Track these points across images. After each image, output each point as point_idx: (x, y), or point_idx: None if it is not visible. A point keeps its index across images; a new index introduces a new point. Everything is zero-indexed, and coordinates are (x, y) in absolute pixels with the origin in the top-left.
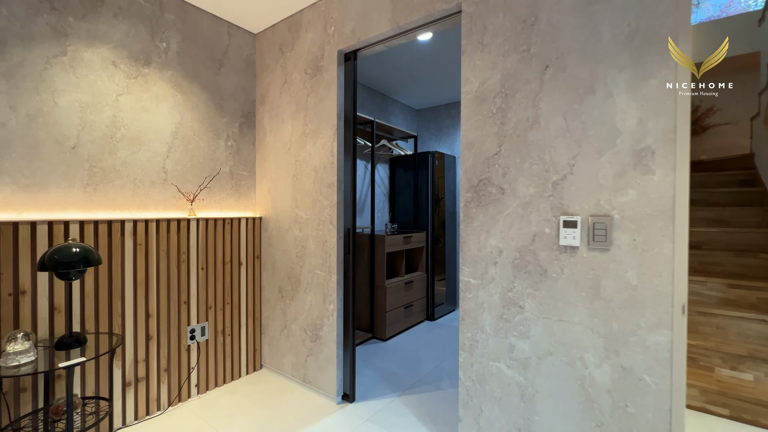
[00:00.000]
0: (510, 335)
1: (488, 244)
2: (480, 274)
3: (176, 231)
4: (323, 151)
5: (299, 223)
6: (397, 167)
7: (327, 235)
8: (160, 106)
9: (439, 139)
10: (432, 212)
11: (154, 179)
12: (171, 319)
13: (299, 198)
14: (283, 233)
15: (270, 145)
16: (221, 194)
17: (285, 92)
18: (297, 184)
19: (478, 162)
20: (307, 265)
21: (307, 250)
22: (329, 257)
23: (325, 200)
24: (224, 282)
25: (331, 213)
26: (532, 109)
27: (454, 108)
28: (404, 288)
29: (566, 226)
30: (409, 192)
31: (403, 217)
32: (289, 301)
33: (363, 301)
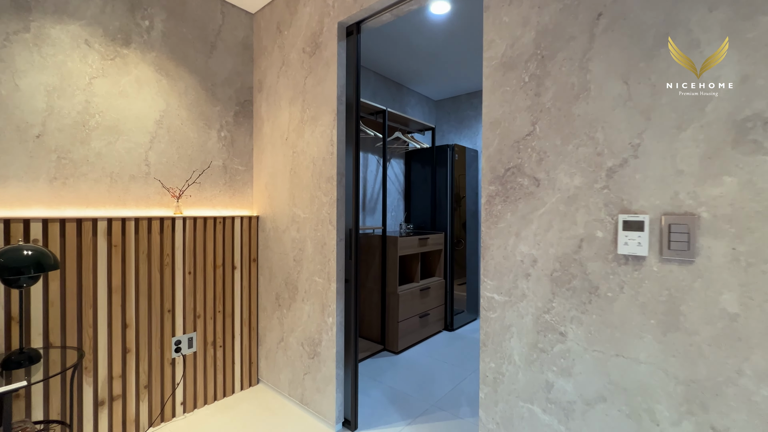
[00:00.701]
0: (547, 370)
1: (518, 251)
2: (507, 288)
3: (159, 231)
4: (322, 140)
5: (297, 223)
6: (413, 162)
7: (326, 237)
8: (142, 91)
9: (459, 131)
10: (452, 211)
11: (135, 173)
12: (153, 329)
13: (297, 194)
14: (280, 234)
15: (267, 135)
16: (213, 190)
17: (283, 75)
18: (295, 179)
19: (505, 146)
20: (304, 270)
21: (304, 253)
22: (328, 262)
23: (324, 197)
24: (215, 288)
25: (331, 211)
26: (579, 73)
27: (476, 97)
28: (419, 295)
29: (628, 229)
30: (426, 189)
31: (420, 217)
32: (286, 311)
33: (373, 309)
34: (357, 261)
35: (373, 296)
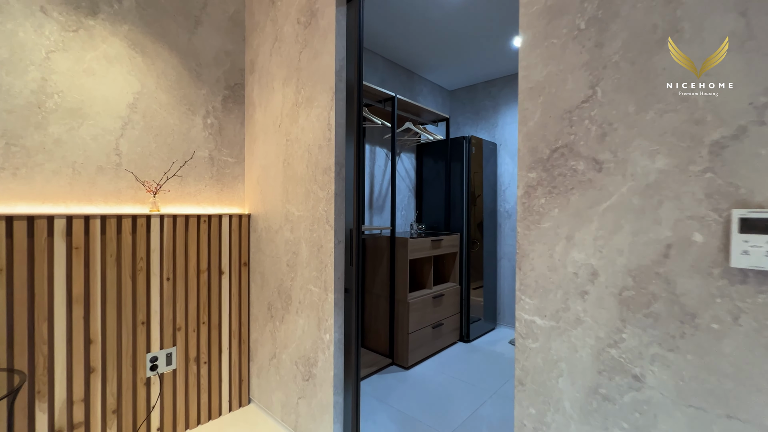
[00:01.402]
0: (614, 426)
1: (570, 260)
2: (554, 310)
3: (131, 231)
4: (318, 125)
5: (290, 222)
6: (424, 156)
7: (322, 239)
8: (112, 69)
9: (476, 123)
10: (468, 210)
11: (103, 164)
12: (123, 345)
13: (290, 189)
14: (273, 235)
15: (260, 123)
16: (197, 185)
17: (276, 53)
18: (288, 171)
19: (551, 118)
20: (299, 277)
21: (299, 257)
22: (325, 269)
23: (320, 191)
24: (199, 296)
25: (328, 208)
26: (664, 8)
27: (494, 86)
28: (432, 303)
29: (748, 230)
30: (440, 186)
31: (432, 217)
32: (278, 323)
33: (380, 318)
34: (360, 267)
35: (380, 304)
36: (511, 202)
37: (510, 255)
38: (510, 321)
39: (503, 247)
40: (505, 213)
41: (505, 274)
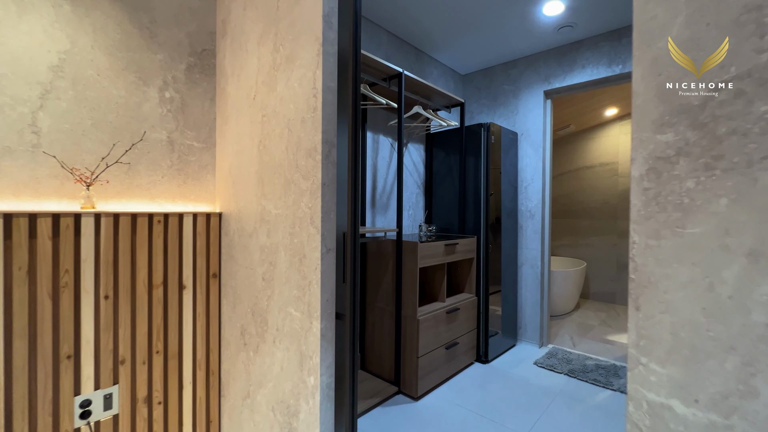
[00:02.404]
0: None
1: (758, 298)
2: (718, 393)
3: (51, 234)
4: (301, 91)
5: (267, 223)
6: (435, 147)
7: (305, 246)
8: (25, 18)
9: (492, 110)
10: (487, 209)
11: (12, 144)
12: (38, 389)
13: (267, 179)
14: (247, 239)
15: (232, 97)
16: (151, 175)
17: (250, 6)
18: (264, 156)
19: (709, 26)
20: (276, 296)
21: (276, 270)
22: (309, 287)
23: (302, 181)
24: (152, 318)
25: (313, 204)
26: None
27: (514, 67)
28: (446, 319)
29: None
30: (453, 181)
31: (444, 217)
32: (252, 353)
33: (385, 337)
34: (356, 283)
35: (384, 320)
36: (534, 201)
37: (533, 261)
38: (533, 336)
39: (525, 251)
40: (527, 213)
41: (527, 283)
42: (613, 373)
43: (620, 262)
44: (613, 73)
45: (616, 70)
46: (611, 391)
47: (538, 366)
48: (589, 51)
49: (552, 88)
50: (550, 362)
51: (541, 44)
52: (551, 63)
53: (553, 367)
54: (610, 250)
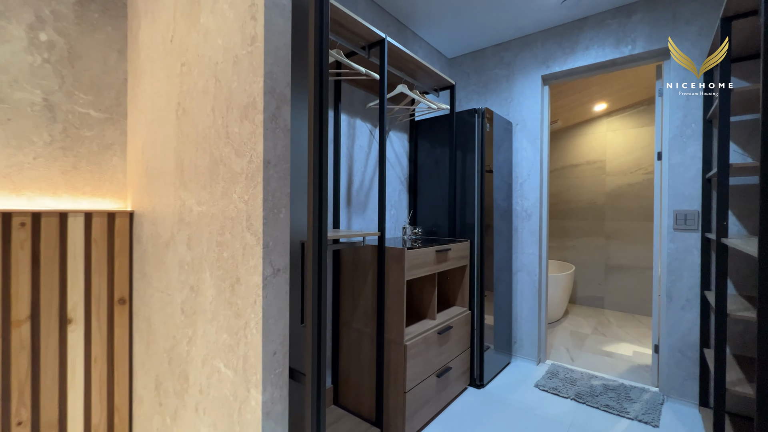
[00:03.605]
0: None
1: None
2: None
3: None
4: (232, 13)
5: (187, 226)
6: (420, 137)
7: (239, 264)
8: None
9: (483, 98)
10: (482, 208)
11: None
12: None
13: (187, 159)
14: (163, 251)
15: (145, 46)
16: (14, 155)
17: None
18: (184, 126)
19: None
20: (200, 340)
21: (199, 299)
22: (245, 330)
23: (235, 158)
24: (9, 374)
25: (251, 196)
26: None
27: (508, 49)
28: (437, 341)
29: None
30: (441, 176)
31: (431, 217)
32: (170, 420)
33: (364, 365)
34: (323, 325)
35: (363, 344)
36: (531, 199)
37: (530, 267)
38: (529, 352)
39: (520, 256)
40: (523, 213)
41: (523, 292)
42: (624, 396)
43: (608, 265)
44: (621, 54)
45: (624, 52)
46: (628, 420)
47: (540, 389)
48: (593, 30)
49: (551, 72)
50: (553, 384)
51: (538, 22)
52: (550, 44)
53: (558, 391)
54: (598, 252)
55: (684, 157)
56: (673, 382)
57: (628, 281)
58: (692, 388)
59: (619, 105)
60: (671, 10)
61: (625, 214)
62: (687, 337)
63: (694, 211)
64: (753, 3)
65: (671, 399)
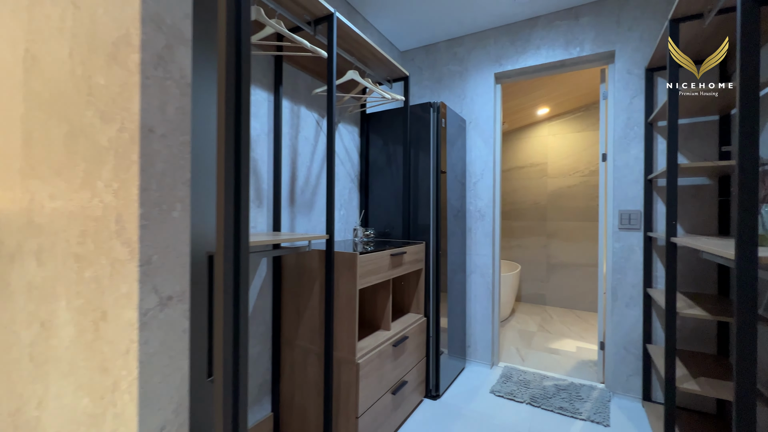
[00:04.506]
0: None
1: None
2: None
3: None
4: None
5: (38, 231)
6: (372, 131)
7: (105, 290)
8: None
9: (437, 93)
10: (437, 208)
11: None
12: None
13: (38, 128)
14: (5, 267)
15: None
16: None
17: None
18: (33, 78)
19: None
20: (53, 405)
21: (53, 340)
22: (115, 392)
23: (100, 125)
24: None
25: (123, 183)
26: None
27: (461, 45)
28: (392, 354)
29: None
30: (395, 173)
31: (383, 218)
32: None
33: (309, 389)
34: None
35: (308, 364)
36: (485, 199)
37: (483, 269)
38: (483, 355)
39: (474, 258)
40: (477, 213)
41: (477, 294)
42: (575, 395)
43: (549, 264)
44: (570, 56)
45: (573, 53)
46: (581, 421)
47: (496, 395)
48: (544, 30)
49: (503, 70)
50: (508, 388)
51: (492, 18)
52: (503, 42)
53: (513, 396)
54: (540, 251)
55: (628, 158)
56: (618, 378)
57: (567, 278)
58: (636, 384)
59: (559, 110)
60: (615, 15)
61: (565, 215)
62: (631, 334)
63: (638, 211)
64: (699, 6)
65: (617, 395)
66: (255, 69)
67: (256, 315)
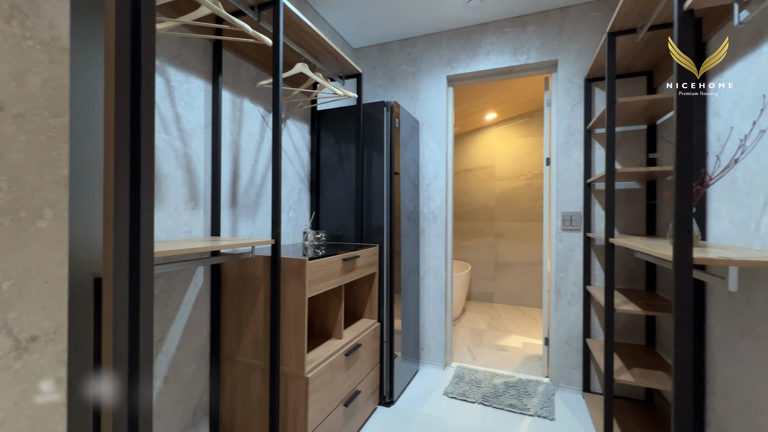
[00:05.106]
0: None
1: None
2: None
3: None
4: None
5: None
6: (324, 129)
7: None
8: None
9: (390, 93)
10: (391, 209)
11: None
12: None
13: None
14: None
15: None
16: None
17: None
18: None
19: None
20: None
21: None
22: None
23: None
24: None
25: None
26: None
27: (415, 46)
28: (344, 364)
29: None
30: (347, 174)
31: (335, 220)
32: None
33: (253, 408)
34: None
35: (251, 381)
36: (437, 201)
37: (436, 270)
38: (436, 357)
39: (427, 259)
40: (431, 215)
41: (430, 295)
42: (523, 391)
43: (497, 263)
44: (517, 62)
45: (520, 60)
46: (530, 417)
47: (449, 397)
48: (494, 36)
49: (455, 73)
50: (461, 389)
51: (444, 21)
52: (455, 45)
53: (466, 396)
54: (489, 250)
55: (569, 163)
56: (561, 372)
57: (513, 276)
58: (577, 376)
59: (506, 116)
60: (558, 27)
61: (511, 216)
62: (572, 329)
63: (578, 213)
64: (633, 22)
65: (561, 388)
66: (189, 54)
67: (191, 329)
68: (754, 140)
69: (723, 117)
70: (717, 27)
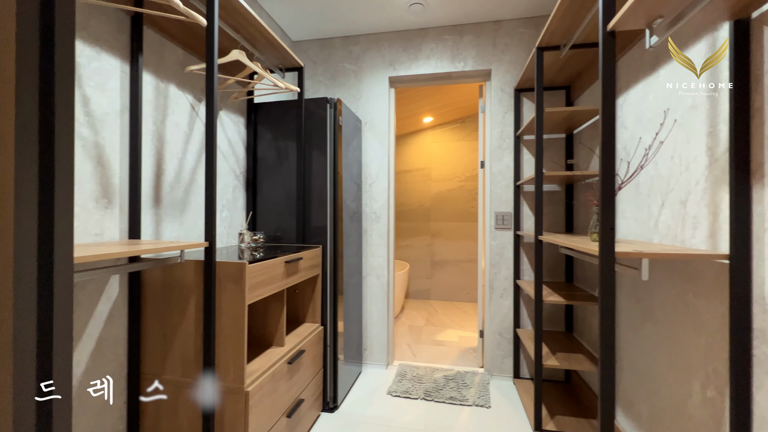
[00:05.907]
0: None
1: None
2: None
3: None
4: None
5: None
6: (261, 124)
7: None
8: None
9: (332, 91)
10: (335, 209)
11: None
12: None
13: None
14: None
15: None
16: None
17: None
18: None
19: None
20: None
21: None
22: None
23: None
24: None
25: None
26: None
27: (357, 44)
28: (287, 372)
29: None
30: (287, 172)
31: (274, 220)
32: None
33: (183, 427)
34: None
35: (181, 403)
36: (380, 201)
37: (379, 270)
38: (379, 357)
39: (370, 260)
40: (373, 215)
41: (373, 296)
42: (461, 383)
43: (433, 261)
44: (455, 69)
45: (458, 67)
46: (469, 407)
47: (393, 396)
48: (434, 42)
49: (397, 75)
50: (403, 387)
51: (387, 22)
52: (397, 47)
53: (409, 393)
54: (425, 249)
55: (501, 166)
56: (494, 362)
57: (448, 274)
58: (508, 365)
59: (442, 120)
60: (491, 38)
61: (446, 216)
62: (504, 321)
63: (510, 213)
64: (557, 40)
65: (494, 376)
66: (101, 26)
67: (103, 349)
68: (654, 151)
69: (629, 129)
70: (622, 52)
